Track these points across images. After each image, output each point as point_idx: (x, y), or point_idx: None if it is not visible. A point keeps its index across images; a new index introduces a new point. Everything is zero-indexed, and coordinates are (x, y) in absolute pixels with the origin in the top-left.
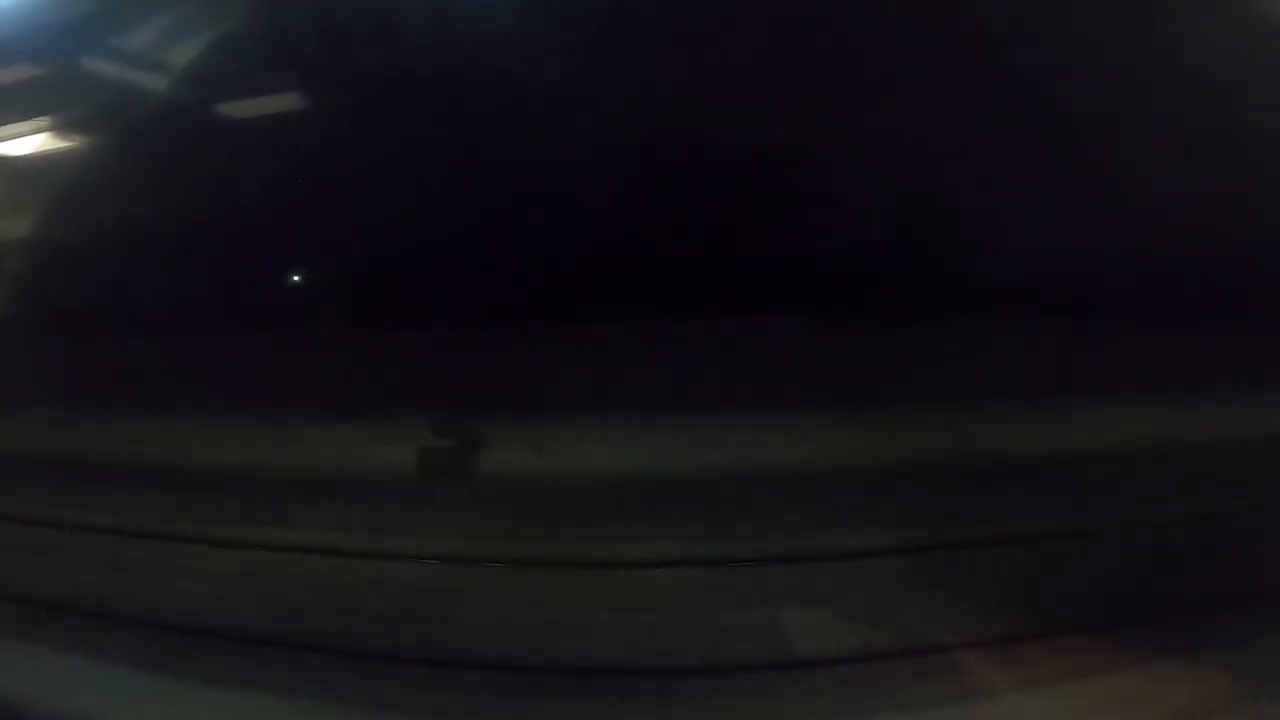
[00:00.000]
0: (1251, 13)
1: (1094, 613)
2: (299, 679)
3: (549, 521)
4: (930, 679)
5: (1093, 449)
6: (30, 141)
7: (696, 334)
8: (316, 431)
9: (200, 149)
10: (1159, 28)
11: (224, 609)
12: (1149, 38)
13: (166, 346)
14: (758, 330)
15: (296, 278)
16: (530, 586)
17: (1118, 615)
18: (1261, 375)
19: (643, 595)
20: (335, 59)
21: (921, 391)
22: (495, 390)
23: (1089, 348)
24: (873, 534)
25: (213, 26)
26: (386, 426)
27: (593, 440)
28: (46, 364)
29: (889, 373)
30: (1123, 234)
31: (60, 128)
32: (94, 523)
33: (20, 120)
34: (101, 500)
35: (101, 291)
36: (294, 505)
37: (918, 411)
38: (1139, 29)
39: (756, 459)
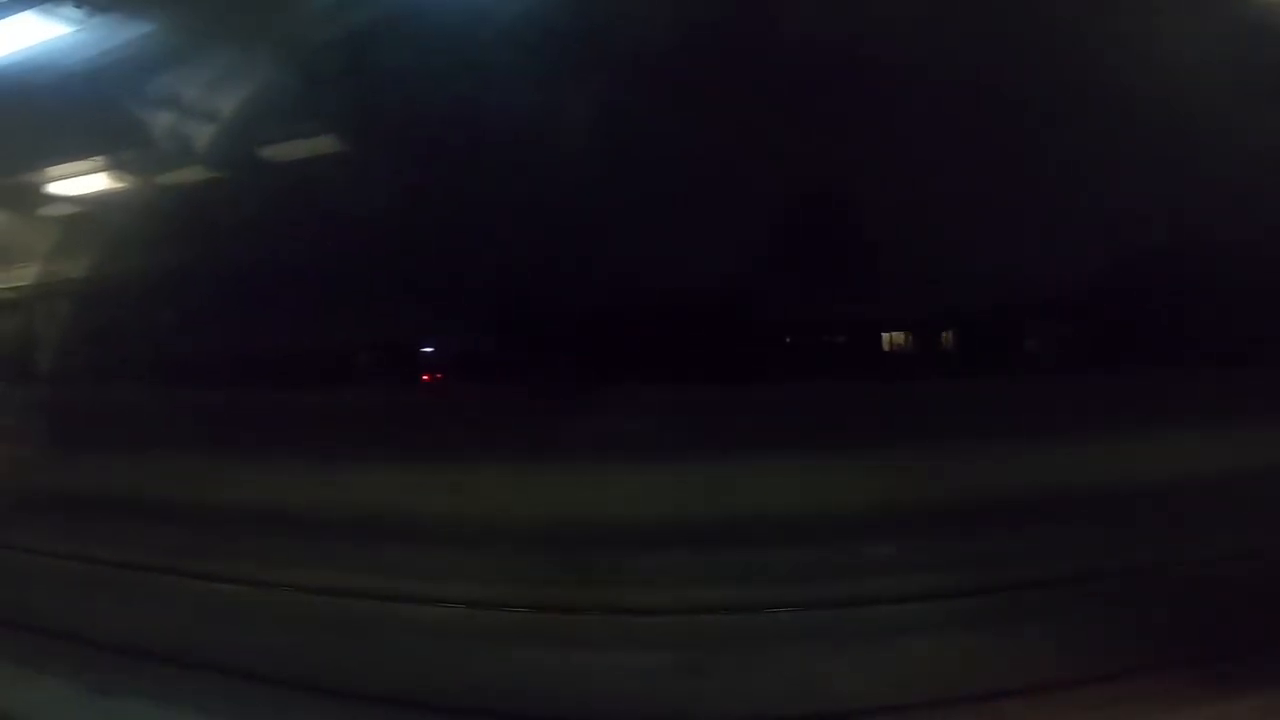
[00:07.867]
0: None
1: (1143, 653)
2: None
3: (573, 567)
4: None
5: (1141, 485)
6: (79, 187)
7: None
8: (342, 476)
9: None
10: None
11: (244, 648)
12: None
13: (201, 391)
14: (792, 380)
15: (333, 327)
16: (553, 632)
17: (1167, 655)
18: None
19: (669, 641)
20: None
21: (957, 434)
22: (524, 439)
23: (1134, 386)
24: (908, 579)
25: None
26: (409, 472)
27: (620, 485)
28: (85, 405)
29: (922, 417)
30: (1167, 274)
31: (109, 176)
32: (121, 558)
33: (73, 165)
34: (129, 536)
35: (141, 336)
36: (317, 547)
37: (953, 453)
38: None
39: (788, 504)
